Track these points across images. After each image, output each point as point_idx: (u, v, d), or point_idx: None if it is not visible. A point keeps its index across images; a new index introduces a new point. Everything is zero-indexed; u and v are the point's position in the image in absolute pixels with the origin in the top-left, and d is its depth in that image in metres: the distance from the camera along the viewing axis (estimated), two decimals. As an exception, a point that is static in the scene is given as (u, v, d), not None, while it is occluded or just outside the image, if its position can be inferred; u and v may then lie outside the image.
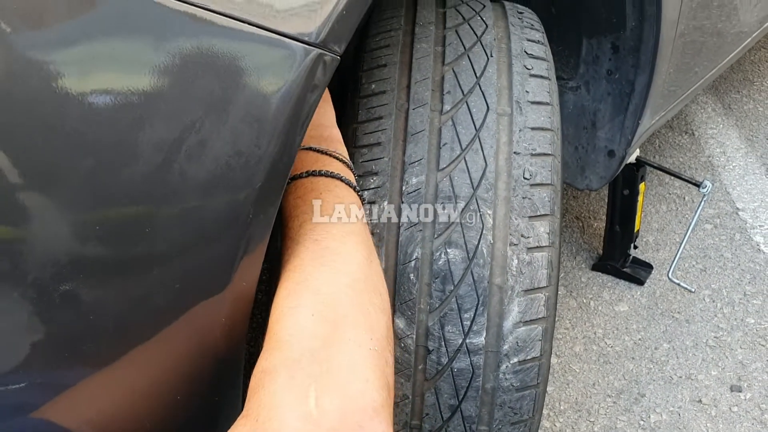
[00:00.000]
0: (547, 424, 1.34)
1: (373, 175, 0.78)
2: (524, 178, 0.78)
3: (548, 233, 0.77)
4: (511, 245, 0.76)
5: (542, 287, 0.77)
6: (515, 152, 0.78)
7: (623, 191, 1.59)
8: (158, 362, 0.57)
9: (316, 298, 0.55)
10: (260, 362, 0.53)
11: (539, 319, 0.77)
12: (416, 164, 0.78)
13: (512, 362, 0.77)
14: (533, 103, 0.81)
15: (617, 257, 1.68)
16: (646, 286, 1.67)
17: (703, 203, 1.52)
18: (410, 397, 0.78)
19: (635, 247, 1.69)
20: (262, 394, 0.50)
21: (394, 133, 0.79)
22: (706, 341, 1.52)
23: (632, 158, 1.54)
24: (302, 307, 0.55)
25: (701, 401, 1.37)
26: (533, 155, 0.79)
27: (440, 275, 0.76)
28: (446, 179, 0.77)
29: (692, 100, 2.63)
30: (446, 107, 0.80)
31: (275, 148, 0.56)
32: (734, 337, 1.53)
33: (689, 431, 1.31)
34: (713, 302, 1.63)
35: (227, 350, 0.61)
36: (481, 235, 0.76)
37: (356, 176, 0.75)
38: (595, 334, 1.54)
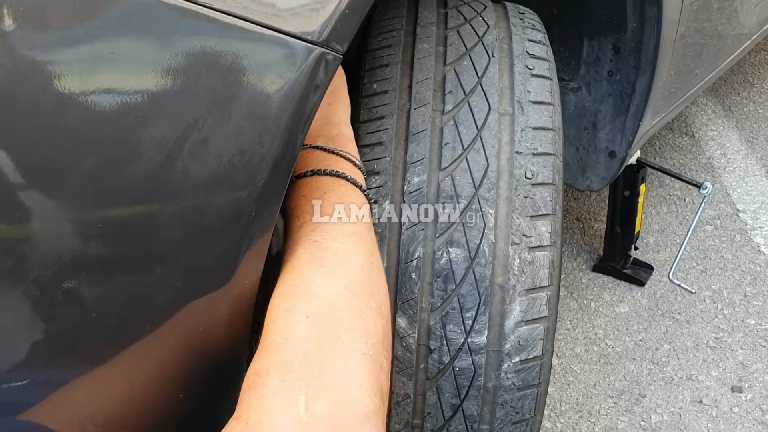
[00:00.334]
0: (548, 424, 1.34)
1: (374, 174, 0.78)
2: (526, 177, 0.78)
3: (550, 232, 0.77)
4: (512, 244, 0.76)
5: (544, 286, 0.77)
6: (517, 152, 0.78)
7: (624, 192, 1.59)
8: (159, 360, 0.57)
9: (311, 300, 0.55)
10: (253, 364, 0.52)
11: (541, 318, 0.77)
12: (418, 164, 0.78)
13: (514, 361, 0.77)
14: (535, 102, 0.81)
15: (618, 258, 1.68)
16: (646, 287, 1.67)
17: (703, 204, 1.52)
18: (412, 396, 0.78)
19: (636, 248, 1.69)
20: (253, 396, 0.49)
21: (395, 132, 0.79)
22: (706, 342, 1.52)
23: (633, 159, 1.55)
24: (297, 309, 0.54)
25: (702, 402, 1.37)
26: (535, 155, 0.79)
27: (442, 274, 0.76)
28: (448, 179, 0.77)
29: (693, 102, 2.64)
30: (448, 107, 0.80)
31: (278, 146, 0.56)
32: (735, 338, 1.53)
33: (690, 432, 1.31)
34: (714, 303, 1.63)
35: (229, 349, 0.61)
36: (482, 234, 0.76)
37: (365, 175, 0.74)
38: (595, 335, 1.54)
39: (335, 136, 0.71)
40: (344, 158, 0.69)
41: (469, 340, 0.76)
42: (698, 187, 1.50)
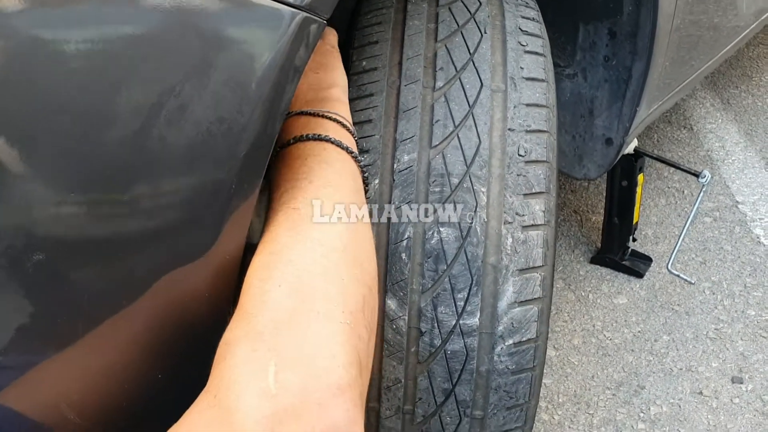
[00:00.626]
0: (545, 416, 1.31)
1: (363, 153, 0.76)
2: (519, 155, 0.76)
3: (543, 211, 0.75)
4: (505, 223, 0.74)
5: (537, 266, 0.75)
6: (510, 129, 0.76)
7: (621, 182, 1.57)
8: (137, 336, 0.55)
9: (286, 269, 0.53)
10: (225, 334, 0.50)
11: (535, 299, 0.75)
12: (408, 141, 0.76)
13: (507, 344, 0.75)
14: (528, 79, 0.79)
15: (616, 250, 1.66)
16: (645, 278, 1.65)
17: (702, 193, 1.50)
18: (402, 380, 0.76)
19: (634, 239, 1.67)
20: (221, 367, 0.47)
21: (385, 110, 0.77)
22: (706, 333, 1.50)
23: (630, 149, 1.53)
24: (271, 278, 0.52)
25: (702, 393, 1.35)
26: (528, 132, 0.77)
27: (433, 254, 0.74)
28: (439, 156, 0.75)
29: (690, 92, 2.62)
30: (439, 84, 0.78)
31: (259, 114, 0.54)
32: (735, 328, 1.51)
33: (690, 423, 1.29)
34: (713, 294, 1.61)
35: (211, 325, 0.59)
36: (474, 213, 0.74)
37: (357, 139, 0.71)
38: (593, 326, 1.52)
39: (322, 99, 0.69)
40: (330, 119, 0.66)
41: (461, 322, 0.74)
42: (696, 175, 1.48)
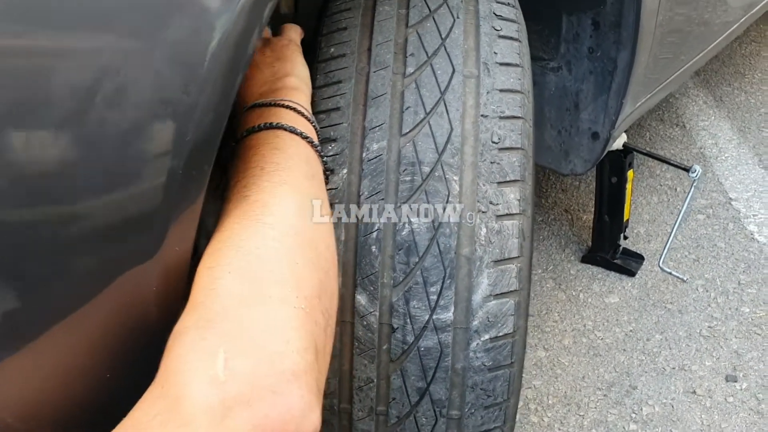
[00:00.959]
0: (534, 419, 1.28)
1: (331, 141, 0.73)
2: (492, 142, 0.73)
3: (519, 200, 0.72)
4: (479, 213, 0.71)
5: (513, 258, 0.71)
6: (483, 115, 0.73)
7: (611, 179, 1.54)
8: (83, 338, 0.52)
9: (236, 255, 0.50)
10: (175, 326, 0.47)
11: (511, 292, 0.71)
12: (377, 129, 0.73)
13: (483, 339, 0.71)
14: (502, 64, 0.76)
15: (607, 248, 1.63)
16: (637, 277, 1.62)
17: (693, 188, 1.47)
18: (375, 380, 0.73)
19: (625, 237, 1.64)
20: (169, 358, 0.44)
21: (353, 97, 0.74)
22: (699, 331, 1.46)
23: (619, 144, 1.50)
24: (221, 265, 0.49)
25: (695, 392, 1.31)
26: (502, 118, 0.74)
27: (404, 246, 0.70)
28: (409, 144, 0.72)
29: (680, 88, 2.59)
30: (409, 70, 0.75)
31: (207, 95, 0.51)
32: (729, 326, 1.47)
33: (683, 423, 1.25)
34: (707, 292, 1.58)
35: (161, 322, 0.55)
36: (446, 202, 0.71)
37: (314, 125, 0.69)
38: (584, 326, 1.49)
39: (277, 89, 0.67)
40: (283, 107, 0.64)
41: (434, 317, 0.71)
42: (687, 170, 1.45)
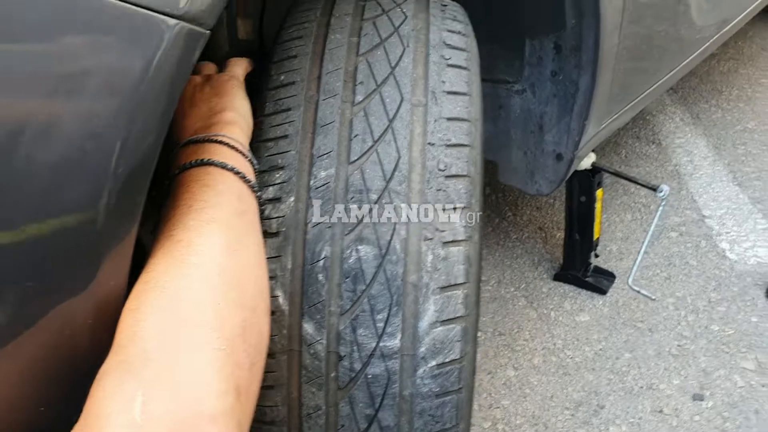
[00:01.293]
0: (503, 439, 1.28)
1: (279, 169, 0.74)
2: (439, 169, 0.73)
3: (465, 226, 0.73)
4: (425, 240, 0.72)
5: (459, 284, 0.72)
6: (430, 143, 0.74)
7: (580, 198, 1.56)
8: (15, 371, 0.52)
9: (159, 296, 0.50)
10: (100, 368, 0.48)
11: (457, 318, 0.72)
12: (325, 157, 0.73)
13: (430, 366, 0.72)
14: (450, 93, 0.77)
15: (578, 266, 1.64)
16: (608, 295, 1.62)
17: (661, 208, 1.48)
18: (324, 407, 0.73)
19: (596, 255, 1.65)
20: (91, 401, 0.45)
21: (302, 125, 0.75)
22: (669, 350, 1.47)
23: (588, 164, 1.51)
24: (143, 306, 0.50)
25: (662, 411, 1.32)
26: (449, 146, 0.74)
27: (351, 274, 0.71)
28: (357, 172, 0.73)
29: (657, 105, 2.62)
30: (358, 98, 0.76)
31: (137, 128, 0.51)
32: (698, 344, 1.48)
33: (649, 443, 1.26)
34: (677, 310, 1.59)
35: (97, 355, 0.55)
36: (394, 230, 0.71)
37: (250, 159, 0.70)
38: (554, 345, 1.49)
39: (212, 124, 0.67)
40: (216, 142, 0.64)
41: (381, 344, 0.71)
42: (654, 189, 1.46)
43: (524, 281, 1.69)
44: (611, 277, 1.66)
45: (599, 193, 1.55)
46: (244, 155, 0.67)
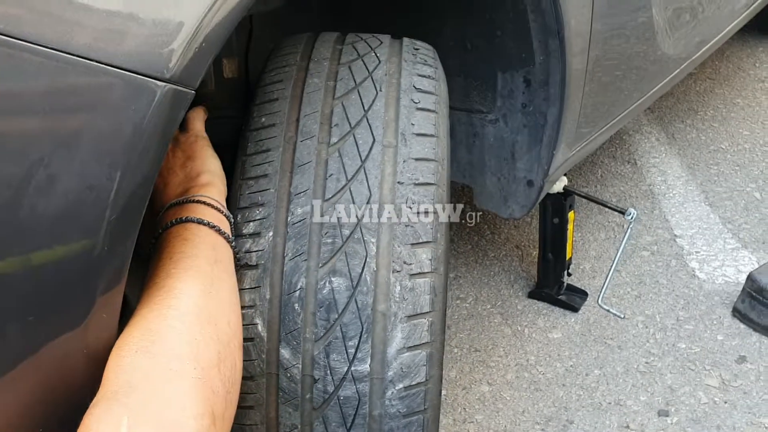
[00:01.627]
0: (476, 453, 1.34)
1: (259, 206, 0.80)
2: (407, 206, 0.80)
3: (431, 259, 0.79)
4: (394, 272, 0.78)
5: (425, 312, 0.78)
6: (399, 182, 0.80)
7: (553, 220, 1.62)
8: (13, 402, 0.57)
9: (143, 336, 0.58)
10: (92, 401, 0.54)
11: (423, 344, 0.78)
12: (302, 195, 0.80)
13: (398, 388, 0.78)
14: (418, 135, 0.83)
15: (552, 285, 1.71)
16: (580, 313, 1.69)
17: (630, 230, 1.55)
18: (299, 426, 0.79)
19: (569, 274, 1.72)
20: (81, 428, 0.50)
21: (281, 164, 0.81)
22: (636, 367, 1.54)
23: (560, 188, 1.58)
24: (128, 345, 0.57)
25: (629, 427, 1.38)
26: (416, 185, 0.81)
27: (325, 304, 0.77)
28: (331, 209, 0.79)
29: (632, 125, 2.70)
30: (333, 139, 0.82)
31: (128, 180, 0.57)
32: (665, 362, 1.55)
33: (615, 457, 1.32)
34: (646, 328, 1.65)
35: (88, 388, 0.61)
36: (364, 263, 0.77)
37: (226, 214, 0.77)
38: (527, 361, 1.55)
39: (190, 188, 0.75)
40: (193, 203, 0.72)
41: (352, 368, 0.77)
42: (622, 212, 1.54)
43: (500, 299, 1.76)
44: (584, 295, 1.73)
45: (571, 215, 1.62)
46: (220, 211, 0.74)
